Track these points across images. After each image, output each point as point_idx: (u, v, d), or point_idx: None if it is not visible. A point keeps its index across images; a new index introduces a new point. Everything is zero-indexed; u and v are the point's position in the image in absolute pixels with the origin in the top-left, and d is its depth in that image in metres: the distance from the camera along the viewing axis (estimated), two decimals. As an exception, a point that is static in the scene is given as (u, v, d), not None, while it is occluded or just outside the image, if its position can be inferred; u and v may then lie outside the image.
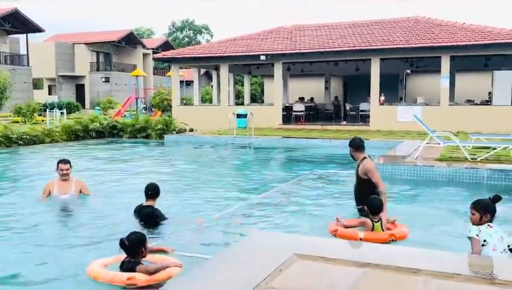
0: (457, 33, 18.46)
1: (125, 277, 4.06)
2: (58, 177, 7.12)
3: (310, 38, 21.24)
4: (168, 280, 3.99)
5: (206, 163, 13.04)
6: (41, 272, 4.44)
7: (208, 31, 72.86)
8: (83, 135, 18.28)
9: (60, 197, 6.97)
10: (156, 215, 5.86)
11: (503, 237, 4.03)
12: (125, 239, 4.23)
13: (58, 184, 7.07)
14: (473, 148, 10.72)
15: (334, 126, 20.18)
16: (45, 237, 5.58)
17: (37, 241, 5.35)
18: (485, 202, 4.15)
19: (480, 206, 4.11)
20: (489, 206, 4.09)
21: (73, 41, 45.95)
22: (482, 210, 4.07)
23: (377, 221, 5.23)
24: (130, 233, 4.31)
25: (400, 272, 3.07)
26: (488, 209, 4.08)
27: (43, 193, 7.10)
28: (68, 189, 7.05)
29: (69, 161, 7.18)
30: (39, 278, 4.31)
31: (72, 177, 7.20)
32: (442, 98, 18.28)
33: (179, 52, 24.02)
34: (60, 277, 4.33)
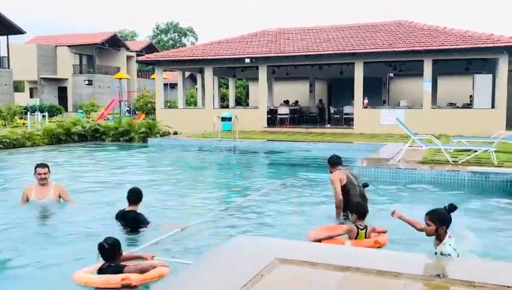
0: (439, 37, 18.70)
1: (119, 278, 4.02)
2: (36, 182, 6.97)
3: (295, 42, 21.32)
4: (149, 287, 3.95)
5: (190, 167, 12.97)
6: (22, 280, 4.34)
7: (193, 34, 72.70)
8: (65, 138, 18.03)
9: (38, 202, 6.82)
10: (140, 220, 5.81)
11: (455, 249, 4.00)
12: (104, 242, 4.21)
13: (36, 189, 6.92)
14: (454, 151, 10.85)
15: (319, 129, 20.27)
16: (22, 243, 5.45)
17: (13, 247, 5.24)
18: (441, 213, 3.97)
19: (436, 217, 3.94)
20: (446, 218, 3.92)
21: (56, 43, 45.40)
22: (438, 221, 3.91)
23: (362, 228, 5.07)
24: (106, 237, 4.29)
25: (382, 276, 3.07)
26: (444, 220, 3.91)
27: (22, 198, 6.94)
28: (46, 194, 6.89)
29: (47, 165, 7.03)
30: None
31: (50, 182, 7.04)
32: (424, 101, 18.49)
33: (163, 55, 23.89)
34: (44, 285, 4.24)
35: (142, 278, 4.07)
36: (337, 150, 14.55)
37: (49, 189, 6.93)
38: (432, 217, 3.94)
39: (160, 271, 4.17)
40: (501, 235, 5.83)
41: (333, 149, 14.66)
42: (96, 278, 4.11)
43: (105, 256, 4.23)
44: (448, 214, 3.95)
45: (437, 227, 3.90)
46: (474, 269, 3.48)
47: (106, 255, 4.22)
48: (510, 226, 6.25)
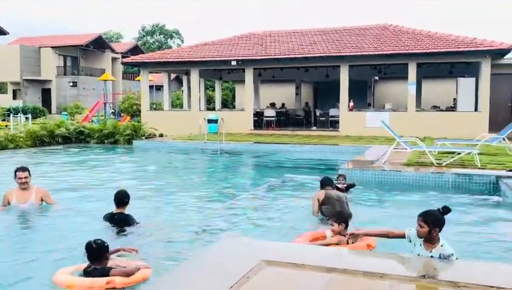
0: (423, 41, 18.93)
1: (104, 281, 3.97)
2: (17, 186, 6.78)
3: (281, 44, 21.39)
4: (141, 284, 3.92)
5: (176, 169, 12.91)
6: (2, 287, 4.25)
7: (179, 36, 72.43)
8: (49, 140, 17.80)
9: (19, 206, 6.64)
10: (128, 221, 5.79)
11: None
12: (93, 242, 4.13)
13: (17, 193, 6.73)
14: (438, 153, 10.98)
15: (305, 132, 20.33)
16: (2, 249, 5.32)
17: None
18: (435, 214, 3.85)
19: (430, 218, 3.81)
20: (440, 220, 3.82)
21: (40, 44, 44.86)
22: (432, 224, 3.79)
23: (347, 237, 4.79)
24: (95, 239, 4.21)
25: (367, 277, 3.09)
26: (438, 222, 3.81)
27: (3, 202, 6.76)
28: (28, 198, 6.71)
29: (27, 169, 6.82)
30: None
31: (32, 186, 6.86)
32: (409, 104, 18.68)
33: (148, 57, 23.76)
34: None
35: (127, 281, 4.03)
36: (323, 152, 14.67)
37: (31, 193, 6.76)
38: (425, 218, 3.82)
39: (144, 274, 4.14)
40: (484, 237, 5.90)
41: (319, 151, 14.76)
42: (80, 281, 4.03)
43: (92, 257, 4.15)
44: (442, 216, 3.86)
45: (430, 229, 3.79)
46: (458, 269, 3.53)
47: (93, 256, 4.14)
48: (493, 228, 6.34)
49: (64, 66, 45.72)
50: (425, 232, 3.81)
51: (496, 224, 6.43)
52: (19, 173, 6.71)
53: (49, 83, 44.55)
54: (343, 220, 4.90)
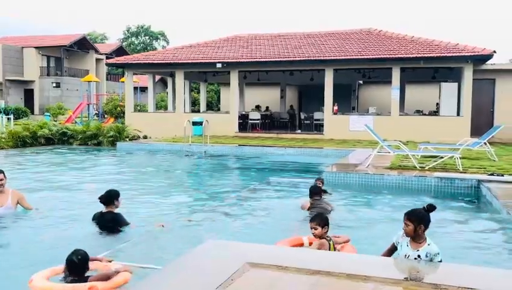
0: (407, 45, 19.16)
1: (86, 287, 3.86)
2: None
3: (266, 48, 21.45)
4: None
5: (159, 171, 12.83)
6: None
7: (164, 38, 72.11)
8: (31, 141, 17.57)
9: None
10: (118, 221, 5.78)
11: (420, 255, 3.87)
12: (74, 257, 3.95)
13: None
14: (421, 157, 11.11)
15: (289, 135, 20.40)
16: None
17: None
18: (420, 212, 3.90)
19: (414, 216, 3.86)
20: (424, 217, 3.86)
21: (23, 44, 44.23)
22: (416, 221, 3.83)
23: (329, 240, 4.70)
24: (74, 250, 4.03)
25: (351, 279, 3.11)
26: (423, 219, 3.84)
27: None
28: (4, 201, 6.44)
29: (2, 171, 6.56)
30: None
31: (7, 189, 6.59)
32: (392, 108, 18.88)
33: (133, 58, 23.61)
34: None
35: (109, 286, 3.96)
36: (307, 155, 14.73)
37: (7, 196, 6.51)
38: (410, 216, 3.87)
39: (125, 277, 4.06)
40: (465, 240, 5.99)
41: (303, 154, 14.82)
42: (60, 287, 3.89)
43: (75, 272, 3.97)
44: (427, 213, 3.90)
45: (415, 226, 3.83)
46: (439, 272, 3.58)
47: (76, 271, 3.97)
48: (473, 231, 6.43)
49: (48, 67, 45.15)
50: (411, 231, 3.85)
51: (477, 227, 6.53)
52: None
53: (32, 84, 43.95)
54: (325, 222, 4.72)
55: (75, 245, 4.28)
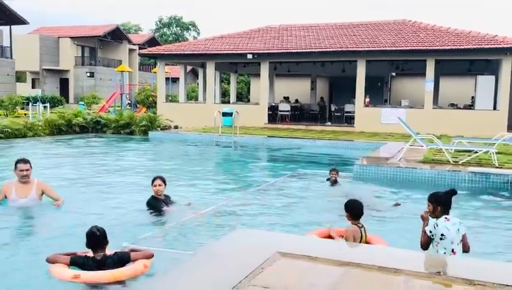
0: (442, 37, 18.68)
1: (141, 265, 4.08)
2: (16, 179, 6.34)
3: (297, 38, 21.29)
4: (151, 277, 3.96)
5: (190, 160, 12.98)
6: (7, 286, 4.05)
7: (195, 28, 72.50)
8: (66, 129, 18.06)
9: (18, 201, 6.21)
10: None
11: (459, 229, 4.19)
12: (95, 229, 4.04)
13: (17, 186, 6.27)
14: (455, 152, 10.86)
15: (319, 127, 20.26)
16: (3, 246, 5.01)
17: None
18: (438, 194, 4.37)
19: (433, 198, 4.33)
20: (441, 199, 4.29)
21: (58, 34, 45.31)
22: (434, 202, 4.29)
23: (361, 226, 4.60)
24: (92, 226, 4.10)
25: (381, 272, 3.08)
26: (439, 201, 4.27)
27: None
28: (28, 192, 6.27)
29: (29, 161, 6.38)
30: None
31: (32, 179, 6.40)
32: (426, 101, 18.48)
33: (165, 49, 23.85)
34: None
35: (148, 263, 4.14)
36: (337, 147, 14.62)
37: (31, 187, 6.32)
38: (429, 198, 4.36)
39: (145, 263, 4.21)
40: (500, 236, 5.85)
41: (333, 147, 14.71)
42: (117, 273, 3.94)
43: (96, 244, 4.04)
44: (445, 195, 4.30)
45: (434, 207, 4.27)
46: (473, 268, 3.50)
47: (97, 243, 4.04)
48: (509, 227, 6.26)
49: (82, 57, 46.14)
50: (431, 210, 4.31)
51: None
52: (20, 165, 6.28)
53: (67, 73, 45.02)
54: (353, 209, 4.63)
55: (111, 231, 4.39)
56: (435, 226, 4.15)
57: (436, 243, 4.15)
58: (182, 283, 2.88)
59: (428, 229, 4.21)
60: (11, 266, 4.44)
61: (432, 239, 4.18)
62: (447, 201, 4.29)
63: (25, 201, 6.22)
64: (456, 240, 4.11)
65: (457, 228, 4.16)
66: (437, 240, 4.14)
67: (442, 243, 4.10)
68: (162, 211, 6.25)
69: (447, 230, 4.11)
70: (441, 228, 4.13)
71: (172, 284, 2.88)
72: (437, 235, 4.13)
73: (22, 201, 6.20)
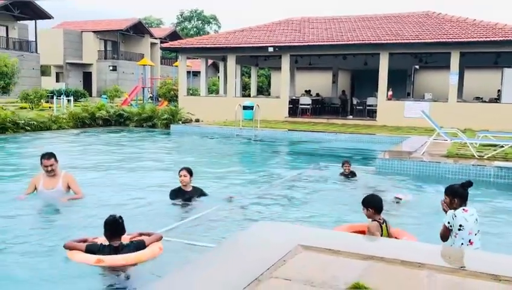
0: (468, 29, 18.29)
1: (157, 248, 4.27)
2: (44, 172, 6.49)
3: (319, 31, 21.13)
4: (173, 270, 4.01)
5: (211, 154, 13.05)
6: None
7: (216, 22, 72.64)
8: (90, 122, 18.35)
9: (46, 192, 6.38)
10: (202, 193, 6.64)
11: (477, 219, 4.22)
12: (118, 217, 4.15)
13: (45, 178, 6.46)
14: (480, 146, 10.66)
15: (340, 120, 20.11)
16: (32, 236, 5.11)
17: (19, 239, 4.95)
18: (454, 187, 4.42)
19: (449, 191, 4.38)
20: (457, 191, 4.33)
21: (82, 29, 45.97)
22: (451, 194, 4.34)
23: (382, 222, 4.52)
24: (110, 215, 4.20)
25: (405, 266, 3.06)
26: (455, 193, 4.32)
27: (29, 188, 6.49)
28: (55, 183, 6.43)
29: (53, 155, 6.48)
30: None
31: (59, 172, 6.55)
32: (450, 94, 18.16)
33: (186, 42, 23.96)
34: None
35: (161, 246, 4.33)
36: (358, 141, 14.50)
37: (58, 179, 6.47)
38: (446, 190, 4.41)
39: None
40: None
41: (355, 140, 14.59)
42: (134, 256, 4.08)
43: (115, 232, 4.14)
44: (461, 188, 4.33)
45: (450, 200, 4.32)
46: (499, 263, 3.44)
47: (116, 231, 4.14)
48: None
49: (105, 51, 46.72)
50: (448, 203, 4.35)
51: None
52: (44, 160, 6.41)
53: (90, 67, 45.68)
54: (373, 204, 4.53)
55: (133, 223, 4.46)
56: (453, 217, 4.17)
57: (454, 234, 4.18)
58: (204, 273, 2.91)
59: (446, 220, 4.22)
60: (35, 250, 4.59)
61: (451, 230, 4.20)
62: (464, 193, 4.32)
63: (52, 192, 6.38)
64: (474, 230, 4.15)
65: (475, 218, 4.20)
66: (455, 231, 4.17)
67: (460, 233, 4.14)
68: (184, 203, 6.33)
69: (465, 221, 4.14)
70: (459, 218, 4.16)
71: (195, 274, 2.91)
72: (455, 225, 4.16)
73: (49, 192, 6.36)
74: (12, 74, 27.55)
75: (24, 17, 38.57)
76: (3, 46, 36.25)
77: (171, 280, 2.88)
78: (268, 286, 2.72)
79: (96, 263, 3.97)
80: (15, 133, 15.04)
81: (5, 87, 27.44)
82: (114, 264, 3.98)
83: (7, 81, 27.24)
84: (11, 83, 27.65)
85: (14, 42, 37.92)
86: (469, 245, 4.12)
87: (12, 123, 15.24)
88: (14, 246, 4.70)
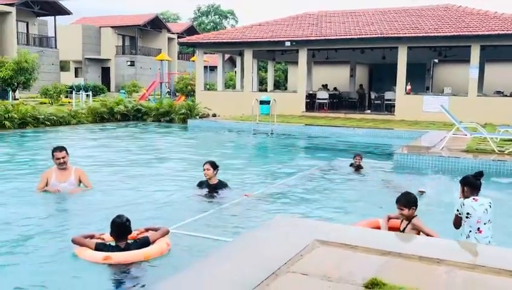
0: (488, 22, 17.94)
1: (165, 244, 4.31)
2: (55, 166, 6.55)
3: (336, 25, 20.96)
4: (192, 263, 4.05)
5: (228, 148, 13.10)
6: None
7: (233, 17, 72.61)
8: (108, 117, 18.54)
9: (58, 185, 6.43)
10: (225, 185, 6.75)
11: (487, 209, 4.30)
12: (125, 219, 4.20)
13: (57, 172, 6.51)
14: (500, 141, 10.49)
15: (358, 115, 19.96)
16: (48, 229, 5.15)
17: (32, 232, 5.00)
18: (466, 177, 4.64)
19: (462, 180, 4.59)
20: (468, 181, 4.52)
21: (100, 24, 46.39)
22: (462, 184, 4.54)
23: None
24: (117, 215, 4.24)
25: (423, 262, 3.04)
26: (466, 183, 4.51)
27: (40, 182, 6.52)
28: (67, 177, 6.50)
29: (64, 148, 6.53)
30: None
31: (70, 166, 6.63)
32: (470, 88, 17.87)
33: (203, 37, 24.01)
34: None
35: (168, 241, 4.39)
36: (377, 136, 14.38)
37: (70, 172, 6.54)
38: (460, 181, 4.61)
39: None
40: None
41: (373, 135, 14.47)
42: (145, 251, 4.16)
43: (122, 233, 4.19)
44: (472, 178, 4.51)
45: (462, 188, 4.51)
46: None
47: (124, 231, 4.19)
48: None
49: (123, 46, 47.09)
50: (462, 192, 4.52)
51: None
52: (56, 153, 6.45)
53: (108, 62, 46.10)
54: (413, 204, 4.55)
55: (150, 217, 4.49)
56: (461, 205, 4.35)
57: (463, 221, 4.34)
58: (222, 267, 2.93)
59: (456, 208, 4.40)
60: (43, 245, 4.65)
61: (461, 218, 4.37)
62: (473, 182, 4.46)
63: (65, 185, 6.44)
64: (483, 219, 4.26)
65: (485, 208, 4.29)
66: (464, 218, 4.34)
67: (468, 221, 4.29)
68: (206, 196, 6.41)
69: (473, 209, 4.27)
70: (467, 207, 4.29)
71: (212, 268, 2.94)
72: (463, 213, 4.32)
73: (61, 185, 6.42)
74: (33, 69, 27.94)
75: (44, 13, 39.09)
76: (24, 42, 36.83)
77: (187, 274, 2.91)
78: (286, 280, 2.74)
79: (104, 260, 4.02)
80: (35, 127, 15.30)
81: (26, 82, 27.88)
82: (122, 261, 4.02)
83: (27, 76, 27.66)
84: (31, 78, 28.07)
85: (34, 38, 38.48)
86: (478, 233, 4.25)
87: (33, 118, 15.50)
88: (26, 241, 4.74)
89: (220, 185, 6.65)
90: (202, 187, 6.65)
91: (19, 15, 36.20)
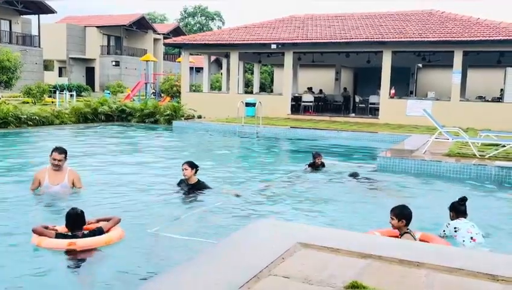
0: (471, 28, 18.23)
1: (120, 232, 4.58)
2: (49, 167, 6.40)
3: (322, 28, 21.10)
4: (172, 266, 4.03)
5: (213, 150, 13.07)
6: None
7: (220, 18, 72.57)
8: (92, 117, 18.34)
9: (51, 187, 6.30)
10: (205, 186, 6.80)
11: (474, 225, 4.68)
12: (78, 210, 4.46)
13: (50, 173, 6.35)
14: (482, 145, 10.65)
15: (343, 118, 20.11)
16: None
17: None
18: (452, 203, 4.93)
19: (449, 207, 4.91)
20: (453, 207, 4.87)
21: (85, 24, 45.97)
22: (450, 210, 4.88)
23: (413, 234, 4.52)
24: (71, 208, 4.52)
25: (403, 265, 3.07)
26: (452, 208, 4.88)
27: (33, 183, 6.39)
28: (61, 179, 6.35)
29: (65, 151, 6.39)
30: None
31: (65, 168, 6.48)
32: (453, 93, 18.13)
33: (189, 38, 23.95)
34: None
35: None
36: (360, 139, 14.49)
37: (64, 174, 6.40)
38: (449, 207, 4.93)
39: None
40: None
41: (357, 138, 14.58)
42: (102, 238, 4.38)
43: (77, 224, 4.44)
44: (457, 203, 4.84)
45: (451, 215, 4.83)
46: (497, 263, 3.45)
47: (79, 223, 4.45)
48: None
49: (108, 46, 46.72)
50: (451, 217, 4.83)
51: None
52: (55, 153, 6.33)
53: (93, 62, 45.69)
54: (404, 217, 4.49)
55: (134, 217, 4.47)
56: (447, 225, 4.67)
57: (455, 237, 4.57)
58: (203, 270, 2.92)
59: (441, 229, 4.70)
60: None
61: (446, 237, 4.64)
62: (457, 207, 4.80)
63: (58, 188, 6.32)
64: (473, 230, 4.53)
65: (472, 224, 4.62)
66: (453, 233, 4.58)
67: (458, 234, 4.55)
68: (185, 196, 6.41)
69: (459, 224, 4.60)
70: (453, 224, 4.65)
71: (194, 271, 2.93)
72: (451, 231, 4.58)
73: (54, 188, 6.31)
74: (15, 68, 27.54)
75: (27, 11, 38.58)
76: (6, 41, 36.28)
77: (168, 277, 2.90)
78: (267, 284, 2.74)
79: (69, 245, 4.21)
80: (17, 127, 15.07)
81: (8, 81, 27.47)
82: (86, 246, 4.26)
83: (10, 75, 27.25)
84: (13, 77, 27.66)
85: (17, 36, 37.94)
86: (472, 242, 4.45)
87: (15, 118, 15.26)
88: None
89: (199, 185, 6.70)
90: (181, 186, 6.74)
91: (2, 13, 35.68)
